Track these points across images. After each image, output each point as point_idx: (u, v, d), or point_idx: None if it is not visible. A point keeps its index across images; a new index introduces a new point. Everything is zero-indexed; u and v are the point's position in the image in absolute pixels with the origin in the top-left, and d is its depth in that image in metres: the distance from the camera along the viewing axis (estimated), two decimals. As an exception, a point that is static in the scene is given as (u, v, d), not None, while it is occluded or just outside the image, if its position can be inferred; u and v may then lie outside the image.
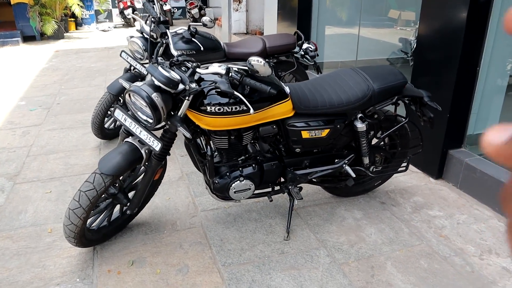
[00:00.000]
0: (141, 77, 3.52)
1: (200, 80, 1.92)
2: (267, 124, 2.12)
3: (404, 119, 2.37)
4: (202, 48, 3.38)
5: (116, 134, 3.76)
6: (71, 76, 6.05)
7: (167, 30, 2.04)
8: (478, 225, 2.49)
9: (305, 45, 3.81)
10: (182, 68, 1.89)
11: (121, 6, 10.47)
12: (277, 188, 2.40)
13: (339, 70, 2.37)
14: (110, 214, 2.27)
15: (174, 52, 1.96)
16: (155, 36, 1.91)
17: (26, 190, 2.93)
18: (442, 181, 3.00)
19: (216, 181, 2.21)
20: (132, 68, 3.59)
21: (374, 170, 2.49)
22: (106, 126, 3.60)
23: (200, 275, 2.09)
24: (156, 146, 1.88)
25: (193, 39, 3.37)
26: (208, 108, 1.89)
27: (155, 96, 1.77)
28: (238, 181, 2.18)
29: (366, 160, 2.42)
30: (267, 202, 2.70)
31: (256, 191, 2.30)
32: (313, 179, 2.39)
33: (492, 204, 2.64)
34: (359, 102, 2.19)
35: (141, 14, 3.66)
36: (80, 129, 4.03)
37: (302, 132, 2.16)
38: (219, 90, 1.87)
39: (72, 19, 10.42)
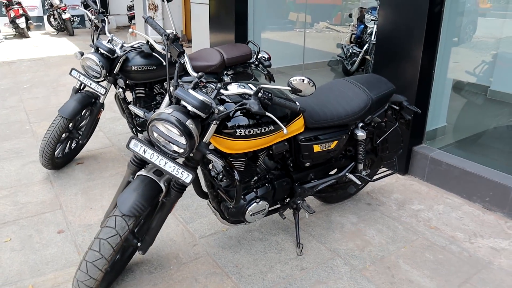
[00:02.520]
0: (94, 97, 3.17)
1: (222, 101, 1.80)
2: (280, 141, 2.08)
3: (393, 124, 2.52)
4: (164, 63, 3.18)
5: (65, 162, 3.33)
6: (-26, 98, 5.18)
7: (184, 49, 1.86)
8: (456, 213, 2.77)
9: (259, 55, 3.82)
10: (203, 90, 1.75)
11: (12, 14, 9.25)
12: (278, 204, 2.36)
13: (334, 81, 2.43)
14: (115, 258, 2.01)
15: (193, 73, 1.79)
16: (169, 56, 1.71)
17: (-24, 242, 2.44)
18: (409, 176, 3.27)
19: (231, 206, 2.10)
20: (82, 87, 3.21)
21: (365, 174, 2.59)
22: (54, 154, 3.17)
23: (232, 307, 1.97)
24: (187, 177, 1.71)
25: (153, 53, 3.15)
26: (238, 131, 1.78)
27: (189, 123, 1.61)
28: (255, 203, 2.10)
29: (361, 167, 2.52)
30: (263, 219, 2.65)
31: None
32: (317, 191, 2.40)
33: (459, 192, 2.95)
34: (362, 112, 2.27)
35: (92, 27, 3.28)
36: (15, 160, 3.48)
37: (314, 146, 2.16)
38: (247, 111, 1.78)
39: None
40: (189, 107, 1.63)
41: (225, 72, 3.59)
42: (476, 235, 2.54)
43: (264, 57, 3.78)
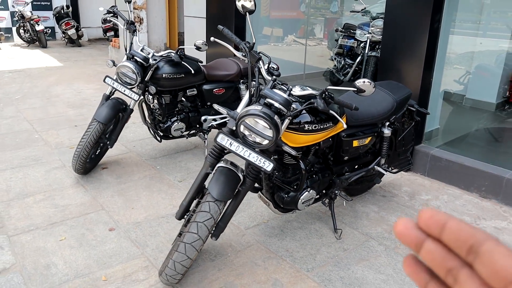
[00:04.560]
0: (124, 104, 3.33)
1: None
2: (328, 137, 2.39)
3: (410, 123, 2.91)
4: (192, 72, 3.41)
5: (92, 167, 3.43)
6: (-32, 109, 5.07)
7: (261, 56, 2.12)
8: (459, 201, 3.20)
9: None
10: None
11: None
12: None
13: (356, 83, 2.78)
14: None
15: (268, 77, 2.07)
16: (247, 60, 1.93)
17: (31, 241, 2.52)
18: (412, 172, 3.68)
19: (286, 195, 2.37)
20: (111, 94, 3.35)
21: (386, 167, 2.96)
22: (85, 159, 3.27)
23: (296, 284, 2.22)
24: (268, 166, 1.96)
25: (182, 62, 3.38)
26: (306, 126, 2.07)
27: (276, 118, 1.88)
28: (307, 192, 2.38)
29: (383, 161, 2.88)
30: (297, 212, 2.93)
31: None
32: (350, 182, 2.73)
33: (457, 184, 3.39)
34: (389, 113, 2.63)
35: (125, 37, 3.42)
36: (37, 167, 3.53)
37: (354, 141, 2.49)
38: (314, 109, 2.07)
39: None
40: (276, 104, 1.91)
41: (241, 81, 3.87)
42: (479, 218, 2.97)
43: (273, 67, 4.08)
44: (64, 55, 9.26)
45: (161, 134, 3.64)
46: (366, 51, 4.60)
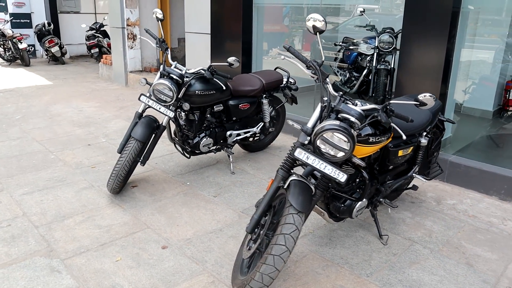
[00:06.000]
0: (157, 122, 3.35)
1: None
2: (376, 148, 2.52)
3: (440, 132, 3.10)
4: (223, 88, 3.49)
5: (123, 185, 3.41)
6: (-30, 131, 4.90)
7: (329, 74, 2.22)
8: (482, 204, 3.40)
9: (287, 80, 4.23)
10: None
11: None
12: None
13: (397, 99, 2.94)
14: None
15: (334, 93, 2.18)
16: (316, 77, 2.03)
17: (86, 264, 2.50)
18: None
19: (342, 205, 2.48)
20: (143, 111, 3.36)
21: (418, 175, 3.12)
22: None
23: (361, 289, 2.32)
24: (342, 177, 2.06)
25: (214, 78, 3.45)
26: (371, 138, 2.19)
27: (352, 131, 1.99)
28: (360, 201, 2.50)
29: (417, 169, 3.05)
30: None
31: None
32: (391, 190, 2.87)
33: (477, 188, 3.60)
34: (427, 123, 2.81)
35: (157, 56, 3.44)
36: (65, 188, 3.47)
37: (399, 151, 2.64)
38: (375, 122, 2.20)
39: None
40: (352, 118, 2.02)
41: (264, 95, 3.98)
42: (505, 219, 3.17)
43: (291, 81, 4.22)
44: (51, 73, 9.06)
45: (189, 150, 3.68)
46: (374, 64, 4.82)
